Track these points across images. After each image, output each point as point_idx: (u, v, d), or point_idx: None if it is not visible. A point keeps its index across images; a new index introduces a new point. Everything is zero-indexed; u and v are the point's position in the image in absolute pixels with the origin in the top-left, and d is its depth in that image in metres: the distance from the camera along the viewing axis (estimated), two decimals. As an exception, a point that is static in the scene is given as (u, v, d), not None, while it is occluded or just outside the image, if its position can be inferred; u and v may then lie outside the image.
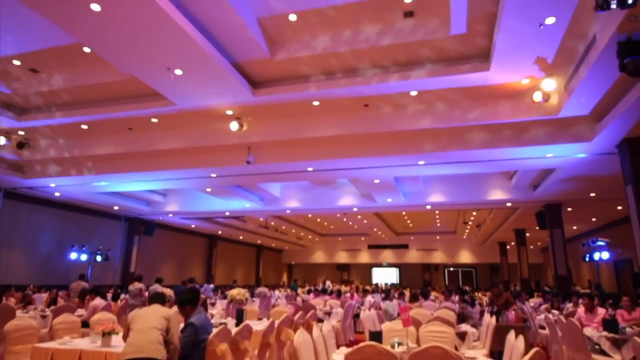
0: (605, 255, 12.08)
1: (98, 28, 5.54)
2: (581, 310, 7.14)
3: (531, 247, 23.31)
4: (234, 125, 8.33)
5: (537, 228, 14.66)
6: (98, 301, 7.42)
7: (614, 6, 3.53)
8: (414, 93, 7.33)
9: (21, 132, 9.74)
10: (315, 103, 7.83)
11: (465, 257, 27.72)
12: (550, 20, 4.99)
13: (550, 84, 6.52)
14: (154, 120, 8.82)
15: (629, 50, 4.39)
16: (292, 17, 6.18)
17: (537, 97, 6.57)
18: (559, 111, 6.89)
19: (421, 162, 9.34)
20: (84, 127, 9.34)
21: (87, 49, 6.92)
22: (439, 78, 6.61)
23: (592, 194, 11.99)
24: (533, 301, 11.84)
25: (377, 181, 11.57)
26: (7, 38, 6.77)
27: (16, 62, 7.51)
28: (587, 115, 6.97)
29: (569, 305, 9.68)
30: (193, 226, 20.30)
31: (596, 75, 5.61)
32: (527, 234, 19.57)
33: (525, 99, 7.10)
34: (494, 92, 7.15)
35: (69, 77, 7.82)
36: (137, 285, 8.79)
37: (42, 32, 6.56)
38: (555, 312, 9.05)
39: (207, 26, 6.01)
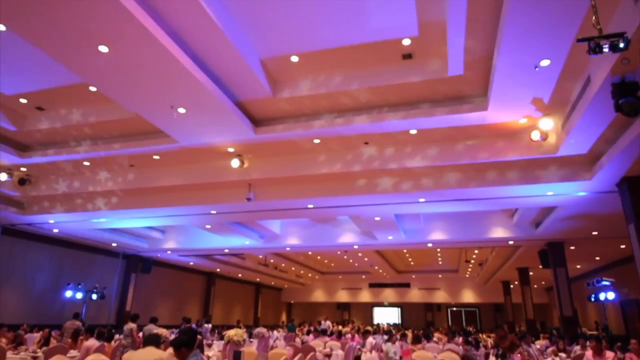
0: (611, 295, 11.82)
1: (105, 68, 5.69)
2: (589, 353, 6.91)
3: (535, 286, 22.87)
4: (235, 163, 8.39)
5: (541, 267, 14.43)
6: (91, 342, 7.19)
7: (606, 50, 3.63)
8: (413, 131, 7.43)
9: (23, 169, 9.81)
10: (316, 141, 7.93)
11: (469, 296, 27.14)
12: (545, 63, 5.13)
13: (547, 124, 6.62)
14: (156, 157, 8.90)
15: (623, 92, 4.48)
16: (294, 59, 6.37)
17: (535, 136, 6.66)
18: (557, 150, 6.96)
19: (421, 200, 9.33)
20: (86, 163, 9.41)
21: (93, 88, 7.09)
22: (438, 117, 6.72)
23: (595, 233, 11.89)
24: (539, 343, 11.48)
25: (377, 218, 11.51)
26: (15, 78, 6.96)
27: (23, 101, 7.68)
28: (586, 154, 7.03)
29: (577, 348, 9.37)
30: (191, 263, 20.02)
31: (592, 116, 5.70)
32: (531, 273, 19.25)
33: (524, 138, 7.19)
34: (492, 130, 7.25)
35: (73, 115, 7.96)
36: (130, 325, 8.57)
37: (49, 72, 6.74)
38: (563, 355, 8.76)
39: (212, 66, 6.19)
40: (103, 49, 5.25)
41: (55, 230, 13.12)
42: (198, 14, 5.05)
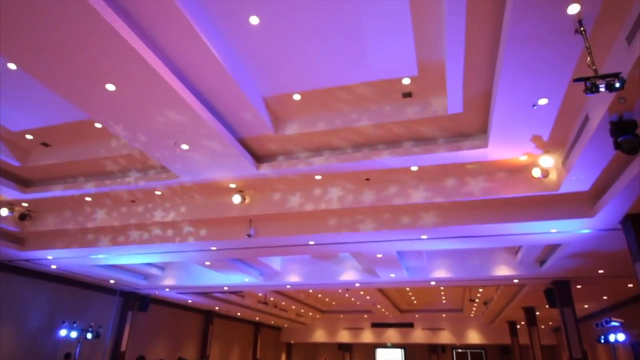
0: (621, 337, 11.45)
1: (112, 106, 5.81)
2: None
3: (542, 327, 22.22)
4: (236, 199, 8.38)
5: (547, 306, 14.08)
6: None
7: (602, 90, 3.70)
8: (414, 168, 7.46)
9: (25, 204, 9.80)
10: (318, 177, 7.95)
11: (474, 337, 26.32)
12: (543, 101, 5.22)
13: (548, 161, 6.65)
14: (158, 192, 8.91)
15: (621, 130, 4.53)
16: (296, 97, 6.51)
17: (536, 173, 6.67)
18: (559, 187, 6.95)
19: (424, 237, 9.24)
20: (88, 199, 9.42)
21: (98, 125, 7.20)
22: (439, 154, 6.77)
23: (601, 271, 11.68)
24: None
25: (379, 255, 11.36)
26: (22, 114, 7.09)
27: (29, 137, 7.78)
28: (588, 191, 7.01)
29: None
30: (189, 301, 19.60)
31: (592, 153, 5.74)
32: (538, 313, 18.74)
33: (525, 175, 7.20)
34: (494, 167, 7.28)
35: (78, 151, 8.05)
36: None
37: (56, 108, 6.88)
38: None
39: (215, 104, 6.31)
40: (110, 87, 5.38)
41: (53, 267, 12.95)
42: (204, 54, 5.21)
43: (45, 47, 4.71)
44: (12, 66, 5.78)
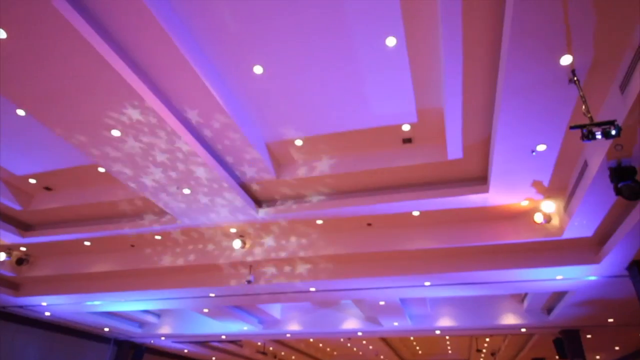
0: (637, 390, 10.92)
1: (116, 152, 5.90)
2: None
3: (553, 379, 21.23)
4: (237, 244, 8.31)
5: (557, 357, 13.53)
6: None
7: (599, 137, 3.76)
8: (416, 213, 7.44)
9: (23, 248, 9.71)
10: (319, 222, 7.92)
11: (482, 390, 25.10)
12: (541, 147, 5.29)
13: (549, 206, 6.64)
14: (158, 237, 8.84)
15: (621, 176, 4.56)
16: (298, 142, 6.61)
17: (539, 218, 6.64)
18: (562, 232, 6.89)
19: (427, 283, 9.05)
20: (87, 243, 9.34)
21: (102, 169, 7.28)
22: (440, 199, 6.78)
23: (610, 320, 11.32)
24: None
25: (382, 303, 11.08)
26: (27, 159, 7.18)
27: (32, 181, 7.84)
28: (592, 236, 6.94)
29: None
30: (186, 351, 18.90)
31: (593, 199, 5.73)
32: (548, 364, 18.00)
33: (528, 220, 7.16)
34: (495, 213, 7.25)
35: (80, 195, 8.07)
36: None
37: (60, 153, 6.98)
38: None
39: (218, 149, 6.41)
40: (116, 133, 5.49)
41: (47, 314, 12.61)
42: (209, 102, 5.35)
43: (55, 95, 4.85)
44: (21, 112, 5.93)
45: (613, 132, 3.73)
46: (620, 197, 4.59)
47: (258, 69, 5.26)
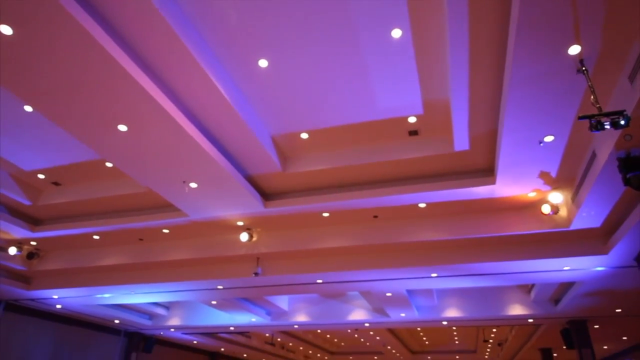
0: (645, 380, 10.92)
1: (123, 146, 5.94)
2: None
3: (561, 369, 21.26)
4: (244, 236, 8.36)
5: (565, 347, 13.53)
6: None
7: (607, 127, 3.72)
8: (422, 205, 7.43)
9: (33, 242, 9.84)
10: (325, 214, 7.94)
11: (489, 380, 25.21)
12: (549, 138, 5.25)
13: (557, 197, 6.60)
14: (165, 230, 8.92)
15: (629, 166, 4.52)
16: (304, 135, 6.61)
17: (546, 209, 6.61)
18: (570, 223, 6.85)
19: (434, 275, 9.07)
20: (96, 237, 9.44)
21: (109, 164, 7.33)
22: (447, 191, 6.76)
23: (618, 310, 11.28)
24: None
25: (389, 294, 11.12)
26: (35, 154, 7.25)
27: (41, 176, 7.92)
28: (600, 227, 6.90)
29: None
30: (195, 342, 19.14)
31: (601, 189, 5.69)
32: (555, 354, 17.98)
33: (535, 212, 7.13)
34: (503, 204, 7.22)
35: (88, 190, 8.15)
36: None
37: (68, 148, 7.03)
38: None
39: (224, 143, 6.43)
40: (122, 127, 5.52)
41: (59, 306, 12.82)
42: (214, 96, 5.36)
43: (61, 90, 4.88)
44: (28, 108, 5.98)
45: (622, 122, 3.69)
46: (628, 187, 4.56)
47: (263, 63, 5.25)
